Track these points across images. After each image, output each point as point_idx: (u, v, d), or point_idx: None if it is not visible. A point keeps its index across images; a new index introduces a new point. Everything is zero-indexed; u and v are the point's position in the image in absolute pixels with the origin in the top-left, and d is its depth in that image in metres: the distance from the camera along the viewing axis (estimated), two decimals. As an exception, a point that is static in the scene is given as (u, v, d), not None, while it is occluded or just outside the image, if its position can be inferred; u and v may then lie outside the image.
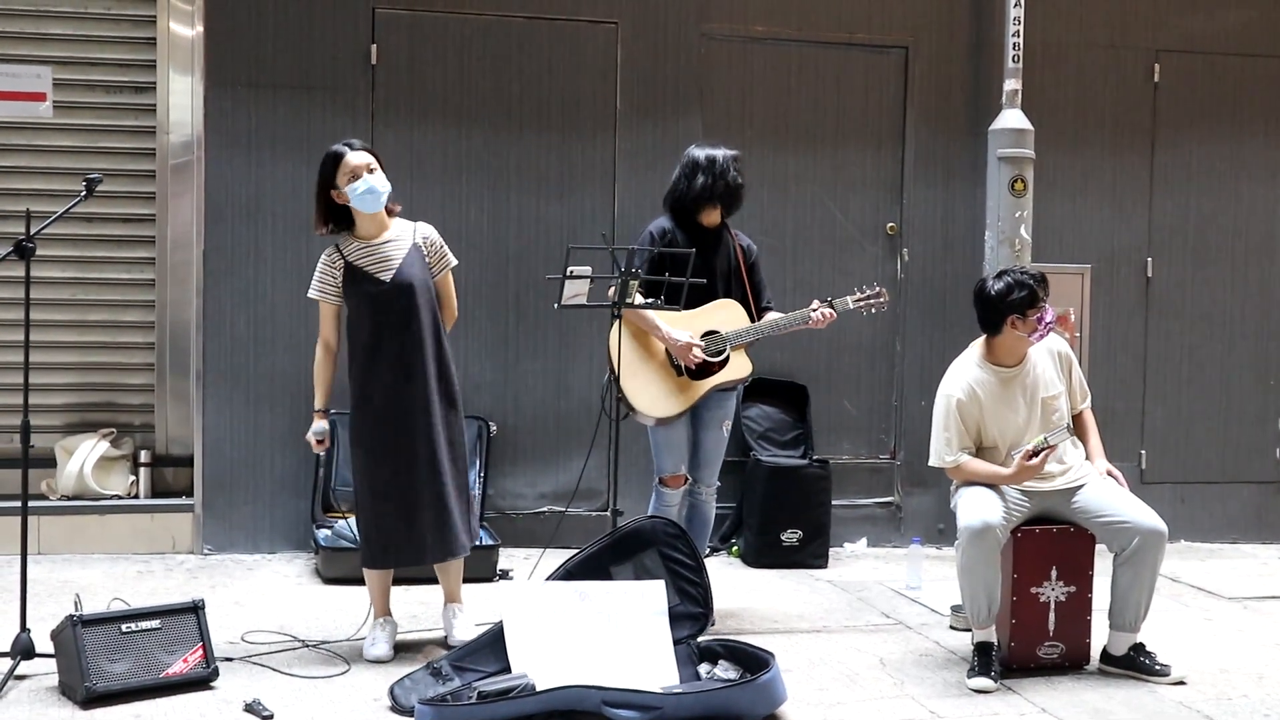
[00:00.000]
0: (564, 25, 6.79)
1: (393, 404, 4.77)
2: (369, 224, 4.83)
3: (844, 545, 7.08)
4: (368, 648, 4.86)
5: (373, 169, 4.77)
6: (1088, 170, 7.40)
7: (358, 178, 4.73)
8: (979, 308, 4.96)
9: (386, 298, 4.76)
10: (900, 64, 7.19)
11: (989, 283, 4.94)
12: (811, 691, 4.63)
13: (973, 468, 4.88)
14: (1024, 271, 4.95)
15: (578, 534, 6.36)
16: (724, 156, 5.33)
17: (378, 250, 4.82)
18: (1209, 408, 7.60)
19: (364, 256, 4.80)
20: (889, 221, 7.22)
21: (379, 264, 4.80)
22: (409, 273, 4.80)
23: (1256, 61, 7.58)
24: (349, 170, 4.73)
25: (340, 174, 4.75)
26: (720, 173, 5.30)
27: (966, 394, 4.90)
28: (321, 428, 4.87)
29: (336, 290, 4.82)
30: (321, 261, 4.85)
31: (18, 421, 4.61)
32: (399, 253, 4.83)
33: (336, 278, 4.81)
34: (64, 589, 5.58)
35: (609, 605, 4.55)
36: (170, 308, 6.67)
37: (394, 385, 4.77)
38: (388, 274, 4.78)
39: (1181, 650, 5.17)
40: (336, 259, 4.81)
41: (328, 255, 4.84)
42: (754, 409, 6.99)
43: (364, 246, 4.82)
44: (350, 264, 4.79)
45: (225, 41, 6.44)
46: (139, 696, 4.31)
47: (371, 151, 4.82)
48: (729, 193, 5.32)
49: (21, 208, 4.84)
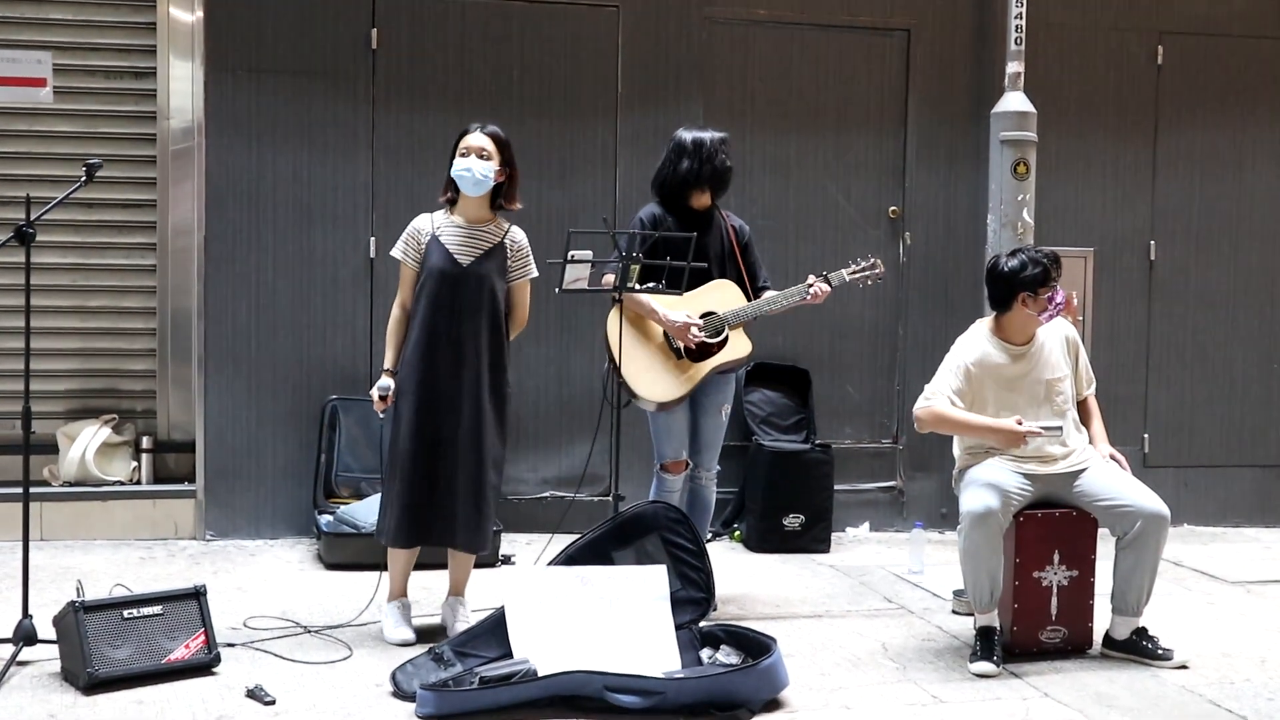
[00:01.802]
0: (565, 9, 6.77)
1: (437, 385, 4.78)
2: (468, 206, 4.89)
3: (846, 530, 7.08)
4: (389, 631, 4.86)
5: (485, 155, 4.83)
6: (1090, 153, 7.38)
7: (465, 156, 4.81)
8: (990, 284, 4.99)
9: (455, 280, 4.79)
10: (902, 47, 7.17)
11: (1002, 259, 4.97)
12: (813, 676, 4.63)
13: (948, 413, 4.85)
14: (1038, 250, 4.97)
15: (580, 519, 6.35)
16: (711, 139, 5.30)
17: (468, 232, 4.86)
18: (1212, 391, 7.59)
19: (452, 234, 4.85)
20: (891, 205, 7.20)
21: (462, 246, 4.83)
22: (485, 265, 4.84)
23: (1261, 43, 7.55)
24: (465, 147, 4.85)
25: (459, 147, 4.86)
26: (707, 156, 5.28)
27: (976, 362, 4.91)
28: (387, 384, 4.86)
29: (417, 256, 4.86)
30: (413, 224, 4.92)
31: (19, 408, 4.59)
32: (485, 243, 4.87)
33: (421, 245, 4.86)
34: (66, 575, 5.58)
35: (611, 590, 4.55)
36: (171, 293, 6.67)
37: (443, 367, 4.78)
38: (466, 258, 4.82)
39: (1184, 634, 5.17)
40: (425, 227, 4.88)
41: (421, 220, 4.91)
42: (756, 393, 6.98)
43: (455, 226, 4.87)
44: (436, 236, 4.84)
45: (225, 26, 6.42)
46: (141, 682, 4.31)
47: (500, 141, 4.88)
48: (715, 175, 5.30)
49: (22, 193, 4.83)
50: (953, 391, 4.88)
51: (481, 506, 4.83)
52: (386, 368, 4.90)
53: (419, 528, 4.83)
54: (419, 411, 4.78)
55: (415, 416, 4.78)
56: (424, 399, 4.78)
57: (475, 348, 4.80)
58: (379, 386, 4.87)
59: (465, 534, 4.83)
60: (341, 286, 6.57)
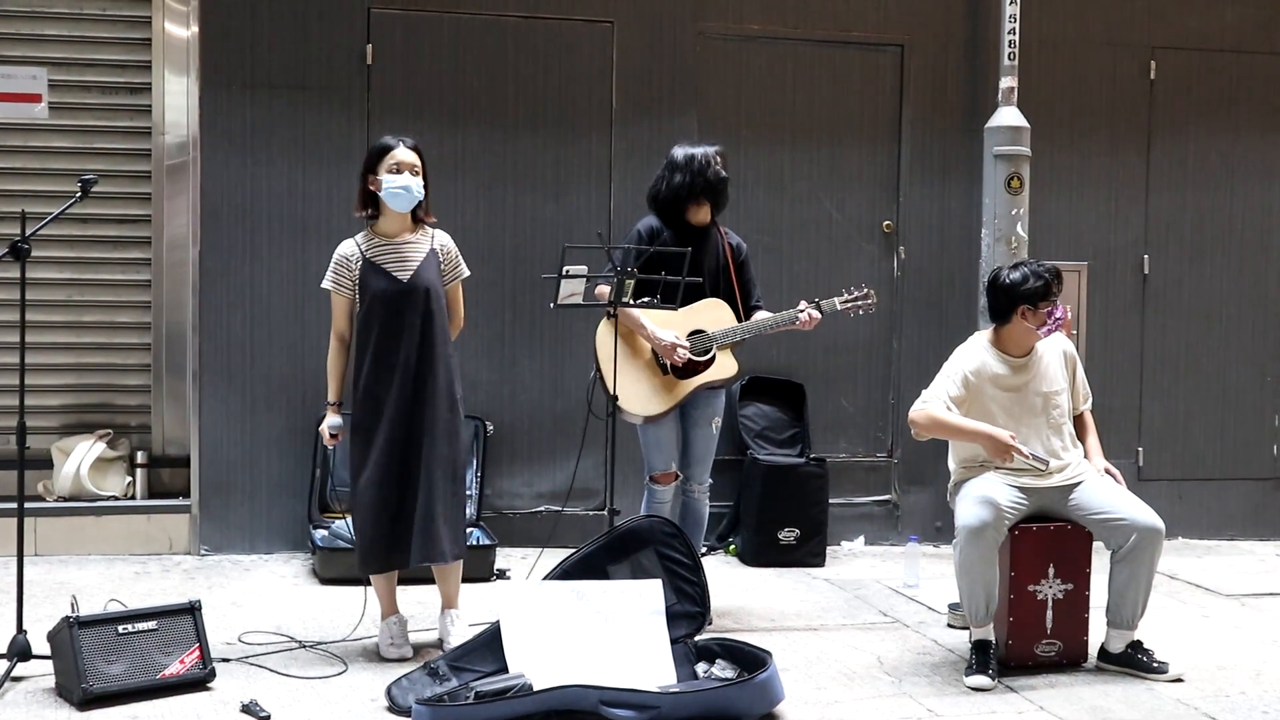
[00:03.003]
0: (559, 24, 6.79)
1: (400, 405, 4.75)
2: (393, 221, 4.85)
3: (841, 543, 7.08)
4: (386, 648, 4.85)
5: (415, 170, 4.80)
6: (1084, 167, 7.40)
7: (398, 173, 4.77)
8: (991, 296, 5.01)
9: (402, 297, 4.76)
10: (896, 62, 7.19)
11: (1004, 271, 5.00)
12: (809, 690, 4.63)
13: (942, 417, 4.86)
14: (1040, 264, 4.99)
15: (575, 533, 6.36)
16: (703, 154, 5.32)
17: (397, 249, 4.83)
18: (1206, 404, 7.61)
19: (383, 253, 4.81)
20: (885, 219, 7.22)
21: (397, 262, 4.80)
22: (426, 275, 4.81)
23: (1253, 58, 7.58)
24: (393, 162, 4.78)
25: (384, 163, 4.78)
26: (699, 170, 5.29)
27: (975, 371, 4.93)
28: (337, 422, 4.86)
29: (350, 283, 4.81)
30: (338, 253, 4.85)
31: (14, 423, 4.59)
32: (417, 254, 4.84)
33: (352, 271, 4.81)
34: (60, 590, 5.57)
35: (606, 604, 4.55)
36: (166, 309, 6.67)
37: (403, 387, 4.75)
38: (405, 274, 4.79)
39: (1179, 647, 5.18)
40: (353, 252, 4.82)
41: (346, 247, 4.85)
42: (751, 407, 6.99)
43: (384, 243, 4.83)
44: (368, 259, 4.80)
45: (220, 42, 6.43)
46: (136, 698, 4.30)
47: (420, 155, 4.85)
48: (708, 188, 5.31)
49: (17, 209, 4.84)
50: (949, 398, 4.89)
51: (459, 516, 4.86)
52: (331, 402, 4.87)
53: (399, 551, 4.80)
54: (390, 440, 4.74)
55: (386, 445, 4.74)
56: (390, 428, 4.74)
57: (430, 363, 4.78)
58: (330, 425, 4.85)
59: (449, 545, 4.81)
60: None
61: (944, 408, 4.88)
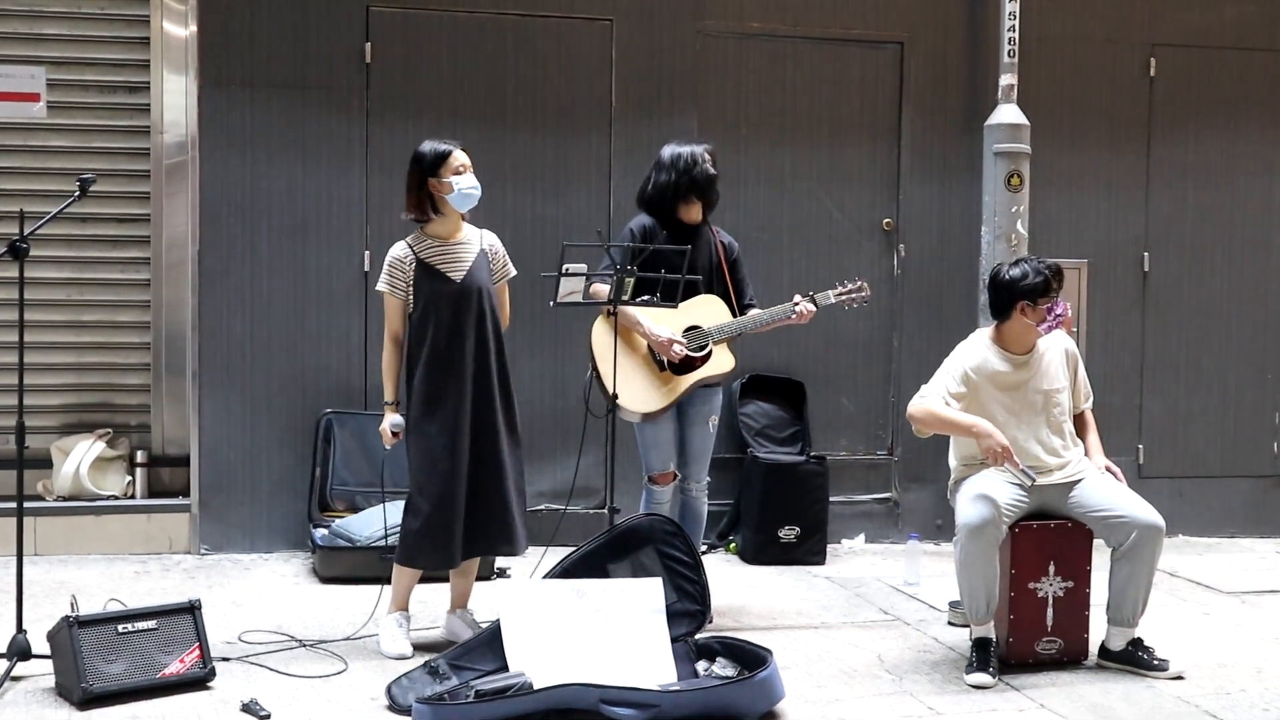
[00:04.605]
0: (559, 22, 6.78)
1: (461, 404, 4.77)
2: (450, 223, 4.89)
3: (842, 541, 7.07)
4: (388, 645, 4.85)
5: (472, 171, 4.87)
6: (1084, 165, 7.39)
7: (463, 174, 4.82)
8: (991, 292, 5.02)
9: (459, 297, 4.79)
10: (896, 59, 7.19)
11: (1005, 268, 5.00)
12: (809, 688, 4.63)
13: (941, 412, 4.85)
14: (1040, 261, 4.98)
15: (575, 532, 6.35)
16: (689, 152, 5.31)
17: (451, 250, 4.86)
18: (1206, 402, 7.60)
19: (438, 254, 4.84)
20: (885, 217, 7.21)
21: (452, 263, 4.84)
22: (479, 276, 4.86)
23: (1253, 55, 7.58)
24: (458, 164, 4.82)
25: (448, 166, 4.81)
26: (686, 168, 5.28)
27: (976, 368, 4.93)
28: (398, 420, 4.86)
29: (405, 286, 4.83)
30: (393, 255, 4.87)
31: (13, 422, 4.58)
32: (469, 255, 4.88)
33: (407, 274, 4.82)
34: (60, 590, 5.57)
35: (606, 603, 4.54)
36: (166, 308, 6.66)
37: (461, 386, 4.78)
38: (459, 274, 4.83)
39: (1180, 645, 5.17)
40: (408, 255, 4.84)
41: (400, 249, 4.86)
42: (751, 405, 6.99)
43: (438, 244, 4.86)
44: (423, 261, 4.82)
45: (219, 41, 6.43)
46: (136, 697, 4.30)
47: None
48: (695, 186, 5.30)
49: (15, 208, 4.83)
50: (949, 394, 4.89)
51: (524, 509, 4.94)
52: (389, 401, 4.89)
53: (448, 549, 4.80)
54: (454, 439, 4.76)
55: (450, 444, 4.76)
56: (453, 427, 4.77)
57: (487, 359, 4.83)
58: (391, 424, 4.85)
59: (519, 536, 4.89)
60: (336, 300, 6.57)
61: (943, 403, 4.87)
